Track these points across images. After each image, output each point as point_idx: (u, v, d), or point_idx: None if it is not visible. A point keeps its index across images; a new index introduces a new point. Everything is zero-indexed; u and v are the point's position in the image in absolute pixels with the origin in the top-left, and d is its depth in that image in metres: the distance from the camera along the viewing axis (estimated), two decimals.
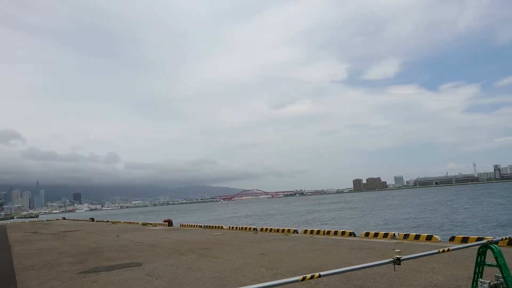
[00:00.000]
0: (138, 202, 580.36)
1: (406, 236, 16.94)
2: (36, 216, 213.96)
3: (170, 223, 40.53)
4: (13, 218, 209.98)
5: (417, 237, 16.52)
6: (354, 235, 19.73)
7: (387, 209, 74.25)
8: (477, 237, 14.17)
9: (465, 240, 14.27)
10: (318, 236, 21.06)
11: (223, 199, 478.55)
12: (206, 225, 35.54)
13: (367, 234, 18.93)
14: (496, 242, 7.34)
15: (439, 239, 15.88)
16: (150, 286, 10.83)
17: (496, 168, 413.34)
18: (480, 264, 7.55)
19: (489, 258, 7.21)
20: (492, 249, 7.20)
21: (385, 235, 17.92)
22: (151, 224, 43.93)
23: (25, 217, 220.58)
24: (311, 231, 22.65)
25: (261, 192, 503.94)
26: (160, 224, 41.63)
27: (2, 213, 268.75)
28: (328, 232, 21.29)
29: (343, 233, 20.43)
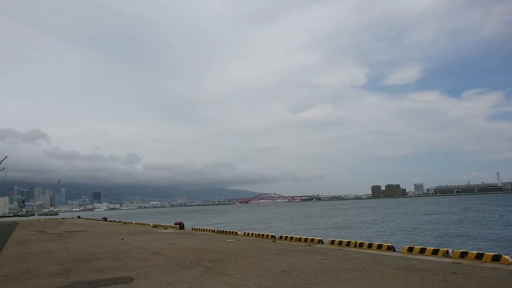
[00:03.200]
0: (156, 202, 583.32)
1: (463, 255, 13.50)
2: (56, 214, 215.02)
3: (181, 226, 37.71)
4: (34, 215, 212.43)
5: (479, 256, 13.07)
6: (394, 250, 16.34)
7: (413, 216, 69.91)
8: None
9: None
10: (349, 248, 17.70)
11: (240, 202, 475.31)
12: (219, 229, 32.59)
13: (410, 249, 15.50)
14: None
15: (510, 260, 12.39)
16: None
17: None
18: None
19: None
20: None
21: (435, 252, 14.49)
22: (162, 226, 41.38)
23: (45, 214, 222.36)
24: (340, 242, 19.18)
25: (278, 196, 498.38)
26: (171, 227, 38.97)
27: (24, 210, 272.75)
28: (361, 245, 17.89)
29: (379, 246, 16.98)
